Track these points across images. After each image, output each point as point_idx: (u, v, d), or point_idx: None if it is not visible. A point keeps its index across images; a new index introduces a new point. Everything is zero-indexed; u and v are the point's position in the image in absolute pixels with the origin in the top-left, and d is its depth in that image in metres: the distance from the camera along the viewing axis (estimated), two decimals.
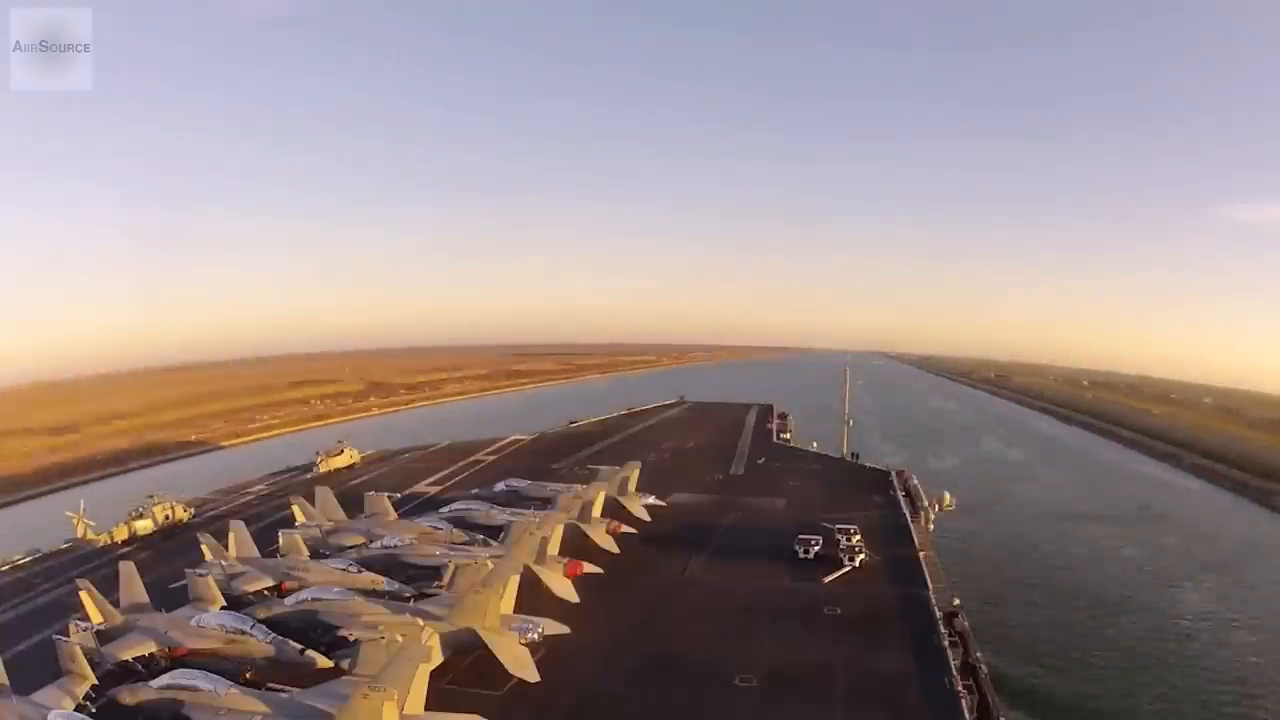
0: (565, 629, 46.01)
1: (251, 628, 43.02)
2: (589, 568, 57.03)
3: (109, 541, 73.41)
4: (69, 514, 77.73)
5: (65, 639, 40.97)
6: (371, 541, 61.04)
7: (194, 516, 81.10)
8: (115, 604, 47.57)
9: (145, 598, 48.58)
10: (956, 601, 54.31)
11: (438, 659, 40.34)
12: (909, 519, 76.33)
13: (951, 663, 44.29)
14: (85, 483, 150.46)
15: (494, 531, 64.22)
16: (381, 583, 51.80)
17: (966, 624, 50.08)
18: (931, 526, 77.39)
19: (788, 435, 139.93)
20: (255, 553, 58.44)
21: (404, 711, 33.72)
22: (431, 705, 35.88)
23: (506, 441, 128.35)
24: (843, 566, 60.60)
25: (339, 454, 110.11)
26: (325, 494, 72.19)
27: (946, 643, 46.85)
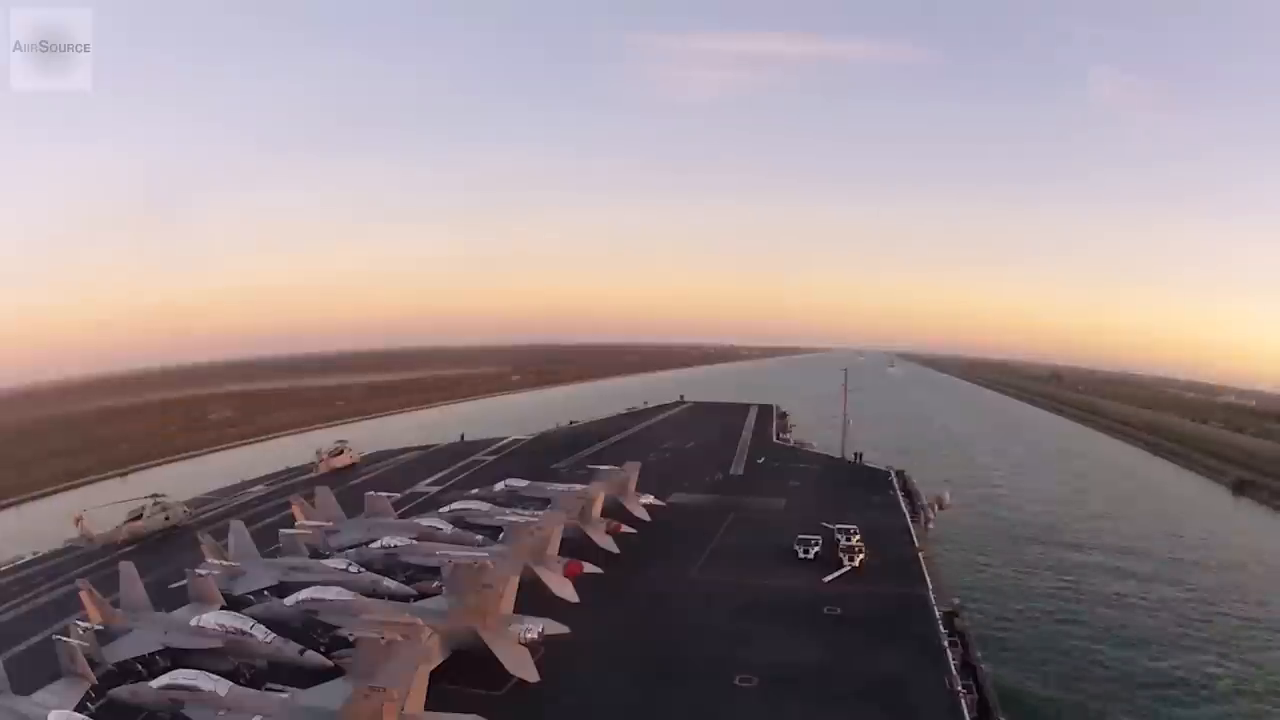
0: (565, 629, 45.93)
1: (251, 628, 42.98)
2: (589, 568, 56.92)
3: (109, 541, 73.43)
4: (70, 514, 77.84)
5: (65, 639, 40.81)
6: (371, 541, 60.94)
7: (194, 516, 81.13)
8: (115, 604, 47.61)
9: (145, 598, 48.47)
10: (956, 601, 54.36)
11: (438, 659, 40.35)
12: (909, 519, 76.48)
13: (951, 663, 44.32)
14: (85, 483, 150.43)
15: (494, 531, 64.18)
16: (381, 583, 51.86)
17: (967, 624, 50.15)
18: (931, 526, 77.53)
19: (788, 435, 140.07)
20: (255, 553, 58.36)
21: (404, 711, 33.71)
22: (431, 705, 35.84)
23: (507, 441, 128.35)
24: (842, 566, 60.65)
25: (339, 454, 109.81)
26: (325, 494, 72.11)
27: (946, 643, 46.88)
